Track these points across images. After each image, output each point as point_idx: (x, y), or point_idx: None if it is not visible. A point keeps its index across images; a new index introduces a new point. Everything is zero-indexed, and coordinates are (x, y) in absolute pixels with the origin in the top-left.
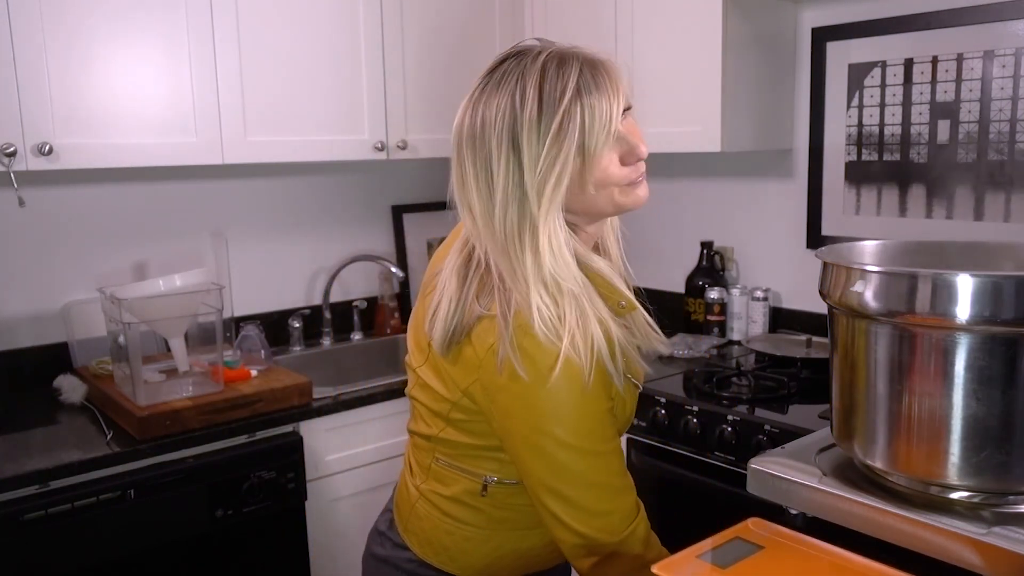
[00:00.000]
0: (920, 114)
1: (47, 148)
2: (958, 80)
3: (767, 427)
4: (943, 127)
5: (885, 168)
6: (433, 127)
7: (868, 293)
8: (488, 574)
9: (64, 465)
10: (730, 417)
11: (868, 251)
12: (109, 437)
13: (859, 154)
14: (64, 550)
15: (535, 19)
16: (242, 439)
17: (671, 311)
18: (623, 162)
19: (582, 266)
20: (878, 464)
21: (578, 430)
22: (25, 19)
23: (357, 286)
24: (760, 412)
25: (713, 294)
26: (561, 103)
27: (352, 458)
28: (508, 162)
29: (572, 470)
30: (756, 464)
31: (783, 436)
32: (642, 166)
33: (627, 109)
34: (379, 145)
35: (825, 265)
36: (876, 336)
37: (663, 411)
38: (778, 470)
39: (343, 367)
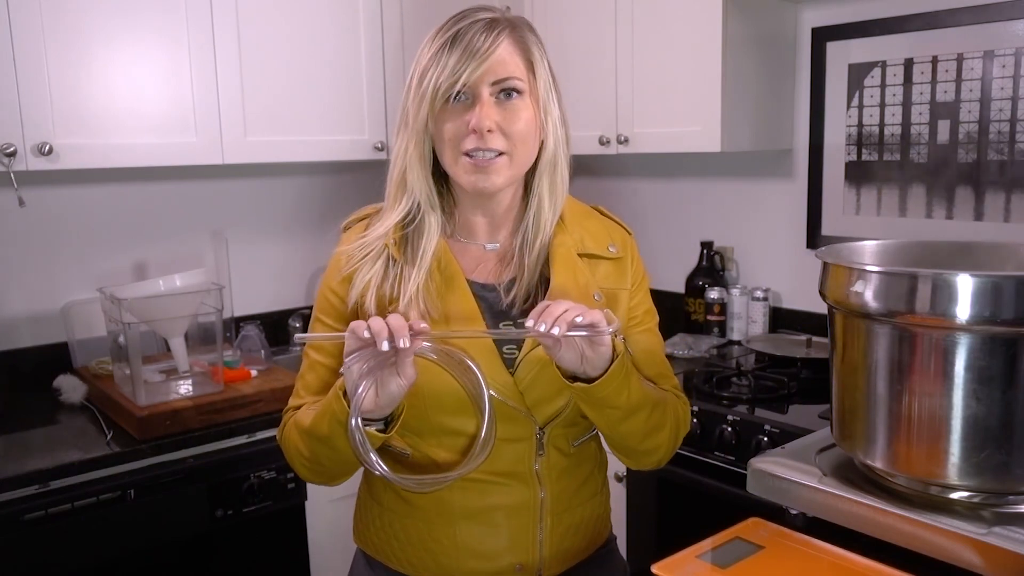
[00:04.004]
0: (920, 114)
1: (47, 148)
2: (958, 80)
3: (767, 427)
4: (943, 127)
5: (885, 168)
6: None
7: (868, 293)
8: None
9: (64, 465)
10: (730, 417)
11: (868, 251)
12: (109, 437)
13: (859, 154)
14: (64, 550)
15: (535, 19)
16: (242, 439)
17: (671, 311)
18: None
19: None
20: (878, 464)
21: None
22: (25, 19)
23: None
24: (760, 412)
25: (713, 294)
26: (430, 48)
27: None
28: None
29: None
30: (756, 464)
31: (783, 436)
32: (471, 143)
33: (498, 82)
34: (379, 145)
35: (825, 265)
36: (876, 336)
37: None
38: (778, 470)
39: None
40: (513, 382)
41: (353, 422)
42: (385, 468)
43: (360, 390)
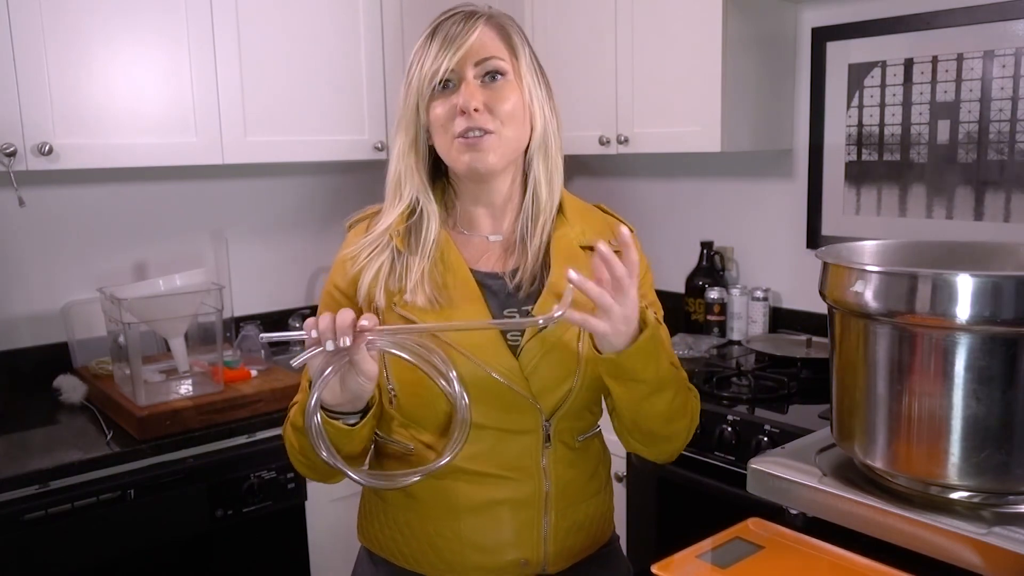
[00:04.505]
0: (920, 114)
1: (47, 148)
2: (958, 80)
3: (767, 427)
4: (943, 127)
5: (885, 168)
6: None
7: (868, 293)
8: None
9: (64, 465)
10: (730, 417)
11: (868, 251)
12: (109, 437)
13: (859, 154)
14: (64, 550)
15: (535, 18)
16: (242, 439)
17: (671, 311)
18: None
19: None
20: (878, 464)
21: None
22: (25, 19)
23: None
24: (760, 412)
25: (713, 294)
26: (415, 47)
27: None
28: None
29: None
30: (756, 464)
31: (783, 436)
32: (461, 124)
33: (480, 62)
34: (379, 145)
35: (825, 265)
36: (876, 336)
37: None
38: (778, 470)
39: None
40: (518, 366)
41: (311, 402)
42: (339, 461)
43: (319, 381)
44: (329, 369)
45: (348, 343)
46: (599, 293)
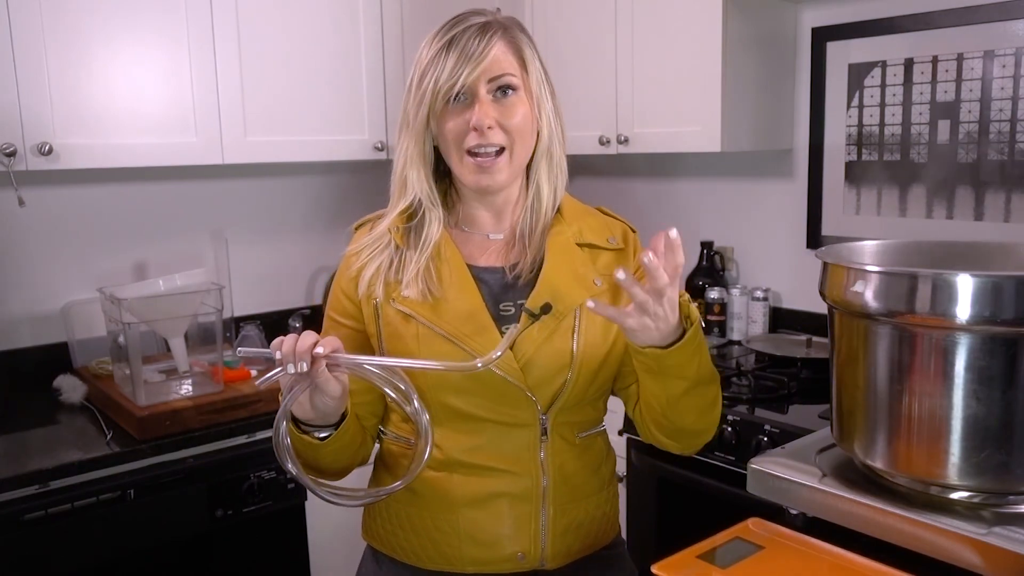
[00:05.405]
0: (920, 114)
1: (47, 148)
2: (958, 80)
3: (767, 427)
4: (943, 127)
5: (885, 168)
6: None
7: (868, 293)
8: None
9: (64, 465)
10: (730, 417)
11: (868, 251)
12: (109, 437)
13: (859, 154)
14: (64, 550)
15: (535, 19)
16: (242, 439)
17: None
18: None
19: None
20: (878, 464)
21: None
22: (25, 19)
23: None
24: (760, 412)
25: (713, 294)
26: (427, 54)
27: None
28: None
29: None
30: (756, 464)
31: (783, 436)
32: (473, 140)
33: (493, 79)
34: (379, 145)
35: (825, 265)
36: (876, 336)
37: None
38: (778, 470)
39: None
40: (513, 356)
41: (277, 418)
42: (302, 474)
43: (287, 398)
44: (296, 387)
45: (305, 368)
46: (644, 299)
